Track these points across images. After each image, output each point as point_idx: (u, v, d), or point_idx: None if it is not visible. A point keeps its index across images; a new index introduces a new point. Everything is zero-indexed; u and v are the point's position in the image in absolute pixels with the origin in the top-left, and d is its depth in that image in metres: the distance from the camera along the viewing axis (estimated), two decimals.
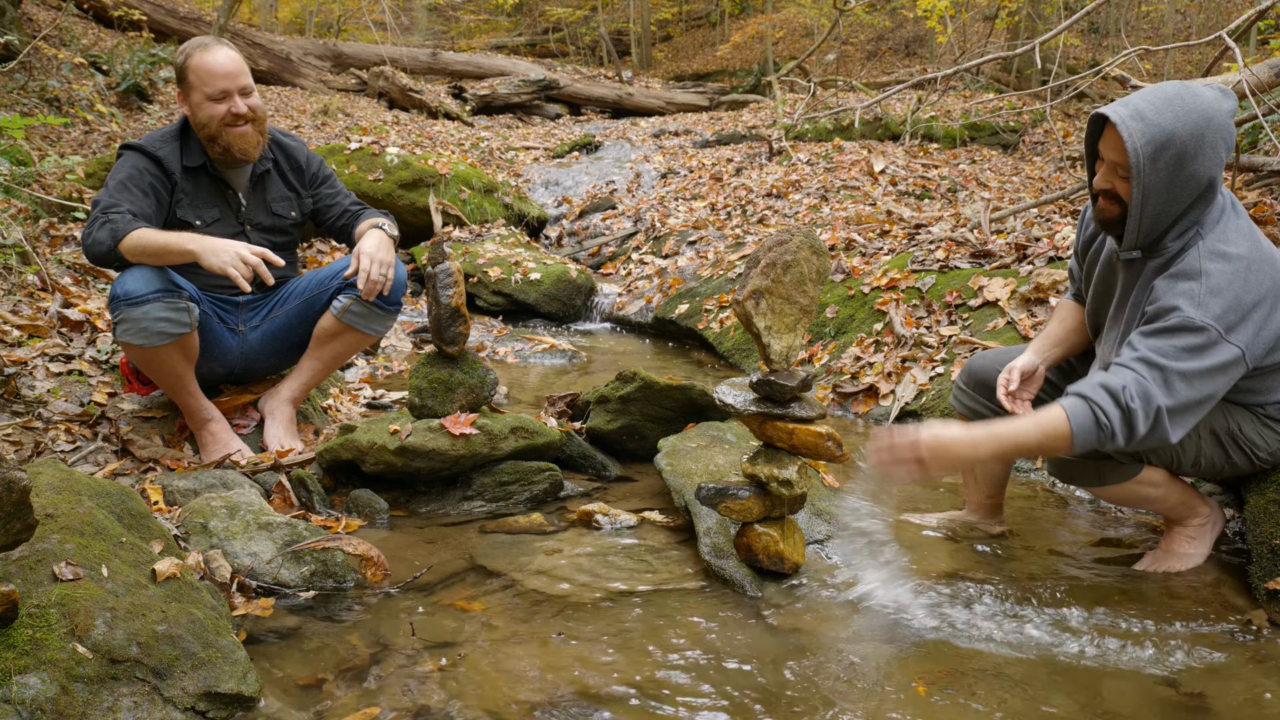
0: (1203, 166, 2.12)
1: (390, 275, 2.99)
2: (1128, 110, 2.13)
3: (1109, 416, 2.06)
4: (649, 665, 2.00)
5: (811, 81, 12.43)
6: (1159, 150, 2.11)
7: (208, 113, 2.94)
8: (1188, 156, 2.11)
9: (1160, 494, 2.40)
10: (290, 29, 20.52)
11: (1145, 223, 2.19)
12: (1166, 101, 2.12)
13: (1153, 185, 2.14)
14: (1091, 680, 1.97)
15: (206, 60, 2.92)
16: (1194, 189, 2.15)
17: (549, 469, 2.95)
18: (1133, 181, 2.14)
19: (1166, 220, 2.20)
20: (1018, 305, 4.14)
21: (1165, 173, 2.12)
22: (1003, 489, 2.78)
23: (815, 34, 18.72)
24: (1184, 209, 2.18)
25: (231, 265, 2.66)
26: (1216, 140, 2.12)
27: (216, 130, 2.95)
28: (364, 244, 2.99)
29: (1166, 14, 15.98)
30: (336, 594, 2.30)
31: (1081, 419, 2.08)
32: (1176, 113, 2.11)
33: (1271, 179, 5.27)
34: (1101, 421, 2.07)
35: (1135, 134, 2.11)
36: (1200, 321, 2.08)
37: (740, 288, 2.15)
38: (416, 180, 7.50)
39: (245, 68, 2.99)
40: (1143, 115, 2.12)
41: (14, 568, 1.75)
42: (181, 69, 2.96)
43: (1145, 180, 2.13)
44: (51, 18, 10.90)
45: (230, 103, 2.93)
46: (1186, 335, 2.08)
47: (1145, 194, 2.15)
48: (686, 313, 5.72)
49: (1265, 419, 2.32)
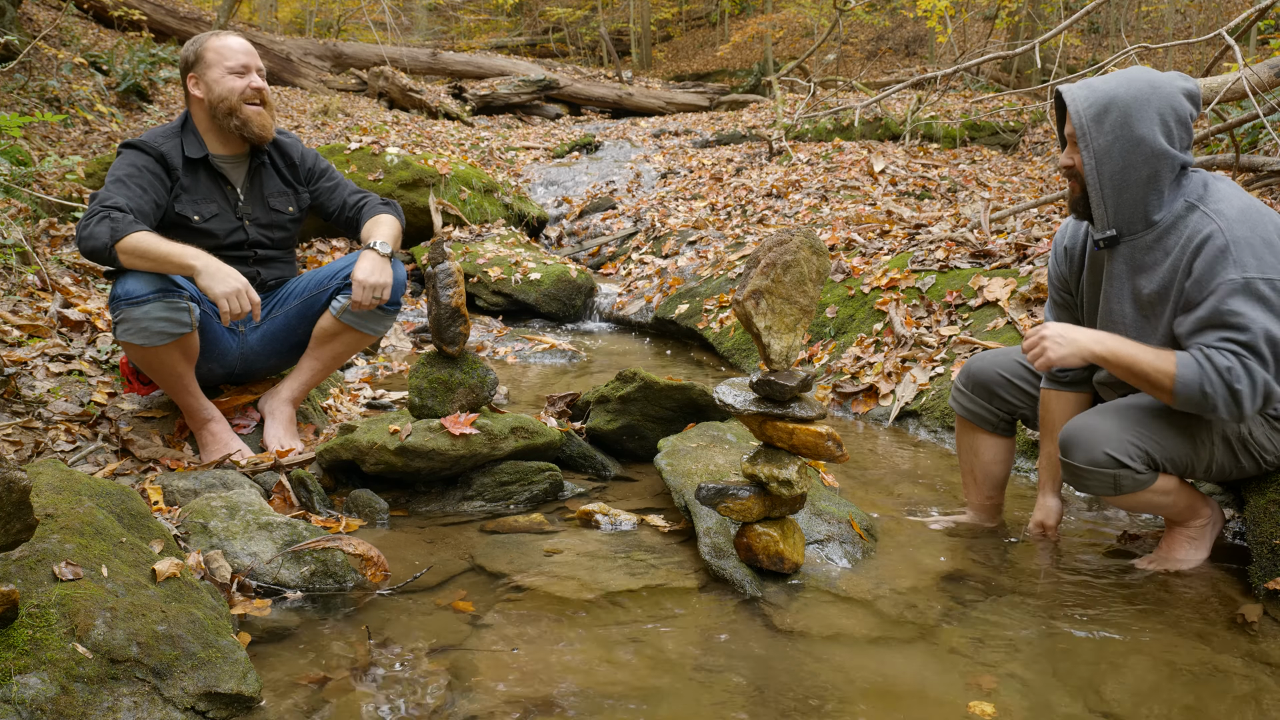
0: (1149, 130, 2.17)
1: (385, 296, 3.00)
2: (1078, 84, 2.26)
3: (1214, 391, 2.12)
4: (648, 665, 2.00)
5: (811, 81, 12.43)
6: (1101, 112, 2.20)
7: (229, 86, 2.98)
8: (1133, 118, 2.18)
9: (1170, 500, 2.40)
10: (290, 29, 20.52)
11: (1107, 194, 2.24)
12: (1117, 77, 2.24)
13: (1102, 149, 2.20)
14: (1092, 680, 1.97)
15: (226, 40, 3.03)
16: (1146, 153, 2.19)
17: (549, 469, 2.95)
18: (1081, 145, 2.23)
19: (1132, 192, 2.23)
20: (1018, 305, 4.14)
21: (1111, 135, 2.19)
22: (1002, 490, 2.78)
23: (815, 34, 18.72)
24: (1146, 178, 2.21)
25: (225, 298, 2.68)
26: (1163, 106, 2.18)
27: (237, 103, 2.99)
28: (358, 269, 2.98)
29: (1166, 14, 15.98)
30: (337, 594, 2.30)
31: (1188, 382, 2.14)
32: (1121, 80, 2.22)
33: (1271, 179, 5.27)
34: (1207, 393, 2.13)
35: (1079, 99, 2.22)
36: (1243, 278, 2.10)
37: (740, 288, 2.15)
38: (416, 180, 7.50)
39: (257, 53, 3.09)
40: (1090, 85, 2.24)
41: (14, 568, 1.75)
42: (197, 52, 3.01)
43: (1094, 144, 2.21)
44: (51, 18, 10.90)
45: (250, 77, 3.01)
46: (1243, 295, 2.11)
47: (1098, 159, 2.22)
48: (686, 313, 5.72)
49: (1274, 421, 2.32)
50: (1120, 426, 2.28)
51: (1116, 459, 2.26)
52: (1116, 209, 2.25)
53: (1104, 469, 2.28)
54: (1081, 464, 2.30)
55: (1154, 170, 2.20)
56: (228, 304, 2.68)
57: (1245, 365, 2.11)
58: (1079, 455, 2.30)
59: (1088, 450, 2.29)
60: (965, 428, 2.75)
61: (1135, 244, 2.28)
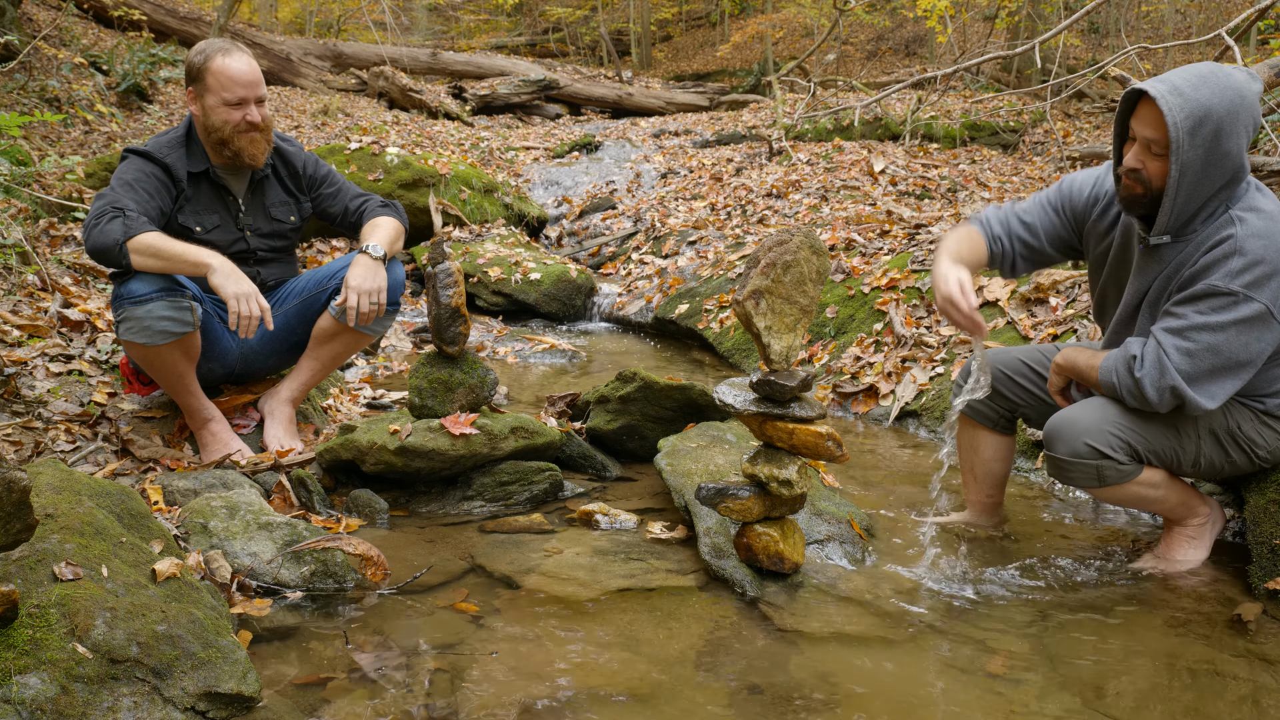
0: (1235, 144, 2.13)
1: (381, 300, 2.97)
2: (1165, 86, 2.13)
3: (1121, 383, 2.25)
4: (648, 665, 2.00)
5: (811, 81, 12.42)
6: (1197, 125, 2.11)
7: (223, 117, 2.93)
8: (1224, 133, 2.11)
9: (1160, 495, 2.40)
10: (290, 29, 20.52)
11: (1179, 202, 2.18)
12: (1202, 79, 2.13)
13: (1190, 161, 2.13)
14: (1092, 679, 1.97)
15: (229, 65, 2.92)
16: (1227, 169, 2.15)
17: (549, 469, 2.95)
18: (1171, 157, 2.13)
19: (1198, 201, 2.20)
20: (1018, 305, 4.14)
21: (1202, 149, 2.12)
22: (1002, 489, 2.78)
23: (815, 34, 18.71)
24: (1215, 190, 2.19)
25: (236, 298, 2.67)
26: (1249, 119, 2.14)
27: (230, 135, 2.95)
28: (350, 275, 2.94)
29: (1166, 14, 15.98)
30: (337, 594, 2.30)
31: (1106, 374, 2.29)
32: (1213, 89, 2.11)
33: (1271, 179, 5.27)
34: (1118, 384, 2.25)
35: (1175, 108, 2.10)
36: (1226, 288, 2.14)
37: (740, 288, 2.15)
38: (416, 180, 7.50)
39: (261, 77, 3.00)
40: (1180, 91, 2.12)
41: (14, 568, 1.75)
42: (200, 69, 2.93)
43: (1184, 156, 2.13)
44: (51, 18, 10.90)
45: (246, 110, 2.94)
46: (1211, 300, 2.15)
47: (1183, 171, 2.14)
48: (686, 313, 5.72)
49: (1263, 415, 2.32)
50: (1102, 418, 2.30)
51: (1098, 450, 2.27)
52: (1180, 216, 2.21)
53: (1086, 460, 2.29)
54: (1064, 456, 2.32)
55: (1227, 181, 2.18)
56: (237, 304, 2.67)
57: (1158, 356, 2.18)
58: (1061, 448, 2.32)
59: (1069, 442, 2.30)
60: (966, 424, 2.76)
61: (1177, 248, 2.28)
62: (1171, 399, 2.19)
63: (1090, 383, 2.37)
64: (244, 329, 2.70)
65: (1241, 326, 2.14)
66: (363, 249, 3.01)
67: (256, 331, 3.09)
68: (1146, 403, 2.22)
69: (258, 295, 2.71)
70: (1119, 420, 2.29)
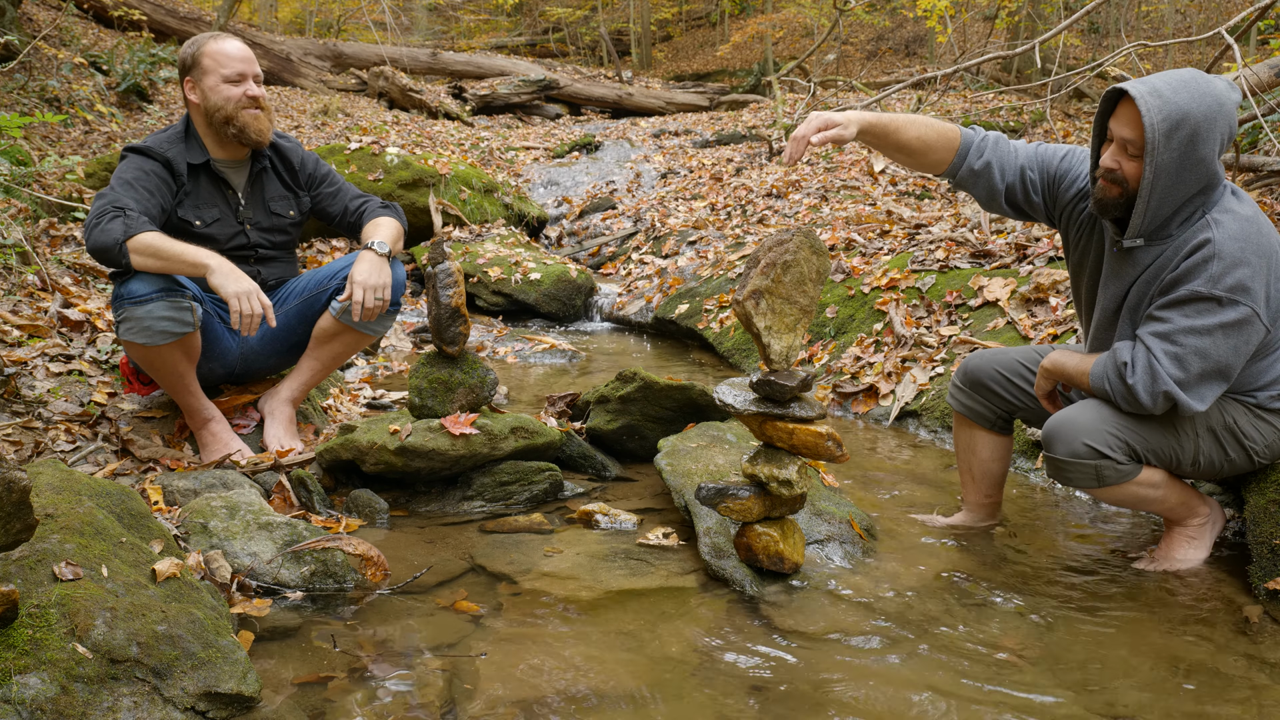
0: (1210, 151, 2.14)
1: (386, 296, 2.98)
2: (1145, 87, 2.14)
3: (1114, 389, 2.26)
4: (648, 665, 2.00)
5: (811, 81, 12.42)
6: (1174, 128, 2.11)
7: (224, 94, 2.97)
8: (1199, 139, 2.12)
9: (1160, 495, 2.40)
10: (290, 29, 20.52)
11: (1153, 205, 2.19)
12: (1182, 83, 2.14)
13: (1165, 164, 2.14)
14: (1092, 679, 1.97)
15: (224, 46, 3.00)
16: (1201, 175, 2.16)
17: (549, 469, 2.95)
18: (1146, 159, 2.14)
19: (1171, 205, 2.20)
20: (1018, 305, 4.14)
21: (1177, 152, 2.13)
22: (1000, 489, 2.79)
23: (815, 34, 18.71)
24: (1189, 195, 2.19)
25: (237, 297, 2.67)
26: (1225, 128, 2.15)
27: (234, 112, 2.98)
28: (355, 270, 2.95)
29: (1166, 14, 15.97)
30: (337, 594, 2.30)
31: (1097, 380, 2.31)
32: (1192, 94, 2.12)
33: (1271, 179, 5.27)
34: (1111, 390, 2.27)
35: (1153, 109, 2.11)
36: (1208, 292, 2.15)
37: (740, 288, 2.15)
38: (416, 180, 7.50)
39: (254, 57, 3.07)
40: (1159, 92, 2.13)
41: (14, 568, 1.75)
42: (194, 56, 2.99)
43: (1159, 158, 2.13)
44: (51, 18, 10.90)
45: (246, 86, 2.99)
46: (1195, 304, 2.16)
47: (1156, 173, 2.15)
48: (686, 313, 5.72)
49: (1256, 409, 2.33)
50: (1100, 418, 2.30)
51: (1097, 450, 2.28)
52: (1152, 220, 2.22)
53: (1085, 460, 2.30)
54: (1063, 456, 2.32)
55: (1202, 187, 2.19)
56: (238, 303, 2.67)
57: (1149, 362, 2.19)
58: (1060, 448, 2.32)
59: (1068, 442, 2.31)
60: (963, 425, 2.76)
61: (1154, 252, 2.28)
62: (1165, 403, 2.21)
63: (1081, 387, 2.38)
64: (246, 327, 2.70)
65: (1228, 330, 2.15)
66: (367, 245, 3.02)
67: (259, 329, 3.09)
68: (1140, 407, 2.24)
69: (258, 292, 2.71)
70: (1117, 420, 2.29)
